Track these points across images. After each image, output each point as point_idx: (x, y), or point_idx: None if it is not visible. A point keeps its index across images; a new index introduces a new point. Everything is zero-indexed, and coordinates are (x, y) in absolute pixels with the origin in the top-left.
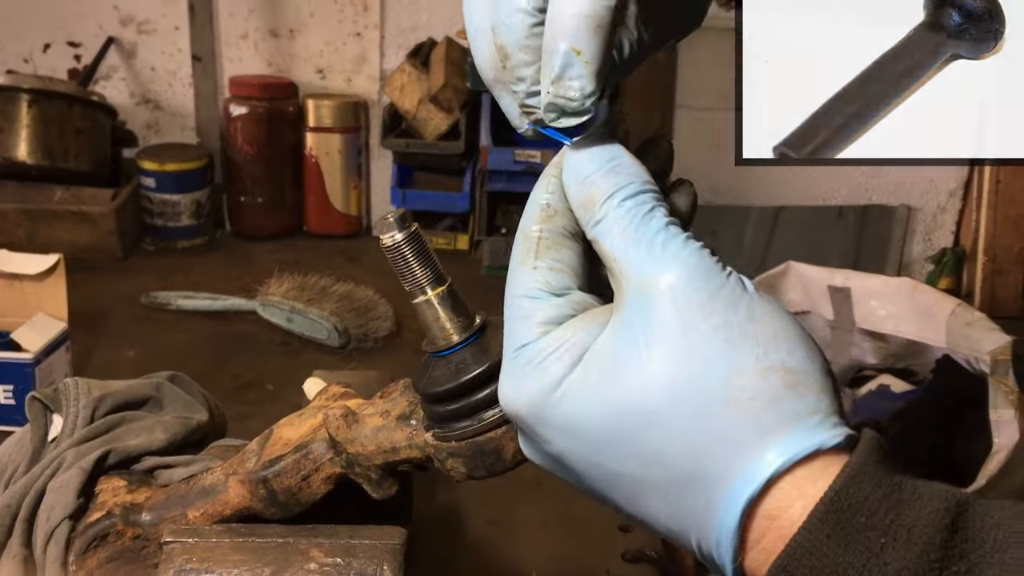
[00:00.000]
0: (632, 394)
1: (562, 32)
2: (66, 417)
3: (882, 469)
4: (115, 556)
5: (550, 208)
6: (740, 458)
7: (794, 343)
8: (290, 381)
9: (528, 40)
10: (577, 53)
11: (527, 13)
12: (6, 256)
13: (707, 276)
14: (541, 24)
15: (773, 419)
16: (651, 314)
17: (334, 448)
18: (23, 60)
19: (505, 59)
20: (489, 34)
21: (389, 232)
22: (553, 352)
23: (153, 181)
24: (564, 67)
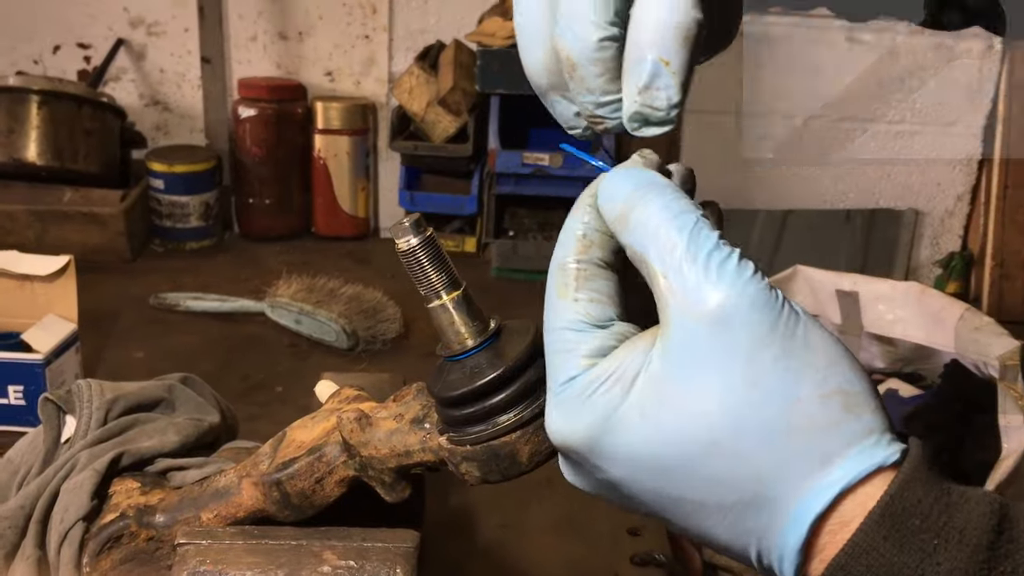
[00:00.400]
0: (693, 423)
1: (650, 42)
2: (79, 419)
3: (931, 475)
4: (129, 558)
5: (586, 239)
6: (805, 480)
7: (846, 367)
8: (299, 383)
9: (597, 52)
10: (665, 63)
11: (597, 26)
12: (16, 257)
13: (765, 306)
14: (611, 38)
15: (835, 442)
16: (708, 342)
17: (347, 451)
18: (33, 61)
19: (572, 70)
20: (544, 43)
21: (404, 237)
22: (604, 383)
23: (162, 183)
24: (652, 77)
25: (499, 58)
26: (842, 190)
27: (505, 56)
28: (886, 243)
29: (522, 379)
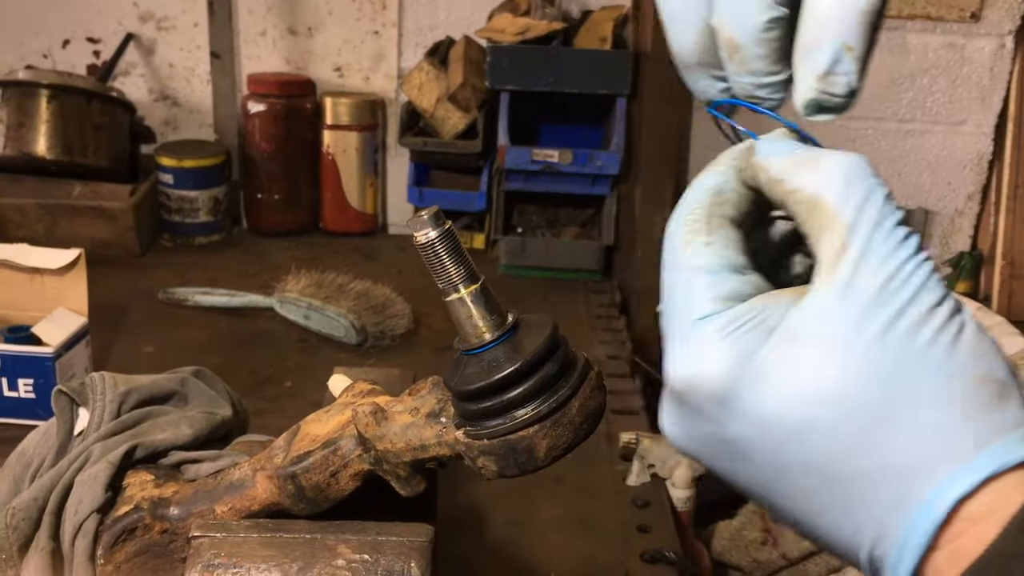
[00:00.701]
0: (841, 384)
1: (831, 26)
2: (93, 411)
3: None
4: (143, 550)
5: (721, 195)
6: (946, 462)
7: (999, 359)
8: (308, 378)
9: (764, 34)
10: (848, 49)
11: (765, 6)
12: (27, 250)
13: (934, 286)
14: (779, 19)
15: (987, 426)
16: (870, 309)
17: (363, 445)
18: (42, 56)
19: (733, 51)
20: (698, 21)
21: (423, 230)
22: (745, 323)
23: (171, 177)
24: (833, 63)
25: (509, 54)
26: None
27: (515, 52)
28: None
29: (540, 373)
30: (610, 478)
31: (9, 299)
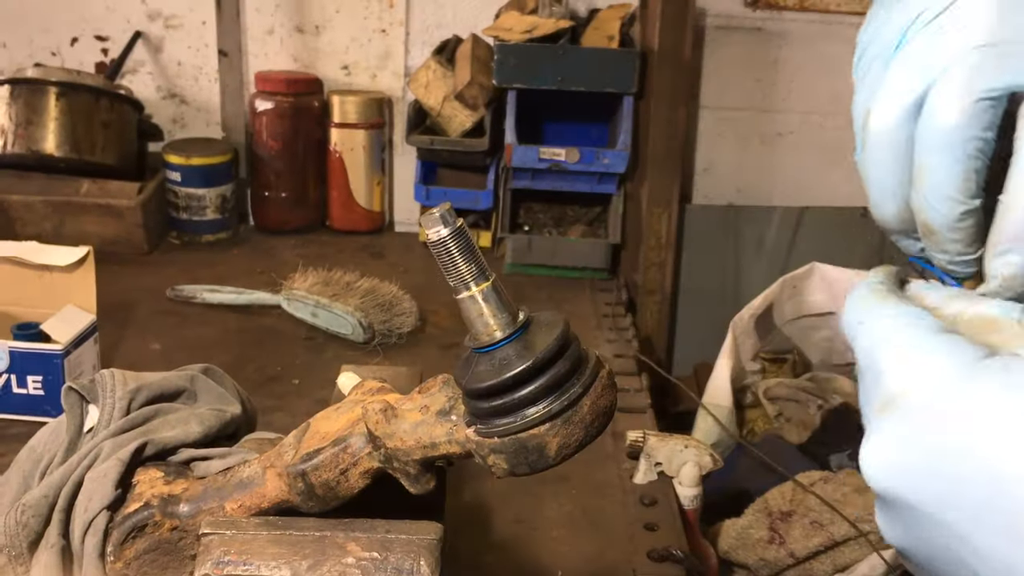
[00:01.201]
0: None
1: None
2: (103, 408)
3: None
4: (153, 547)
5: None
6: None
7: None
8: (315, 375)
9: (958, 223)
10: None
11: (959, 202)
12: (37, 248)
13: None
14: (973, 211)
15: None
16: None
17: (372, 442)
18: (51, 53)
19: (929, 233)
20: (898, 199)
21: (435, 227)
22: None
23: (179, 175)
24: (1015, 276)
25: (516, 53)
26: (858, 187)
27: (522, 51)
28: None
29: (551, 371)
30: (617, 476)
31: (18, 296)
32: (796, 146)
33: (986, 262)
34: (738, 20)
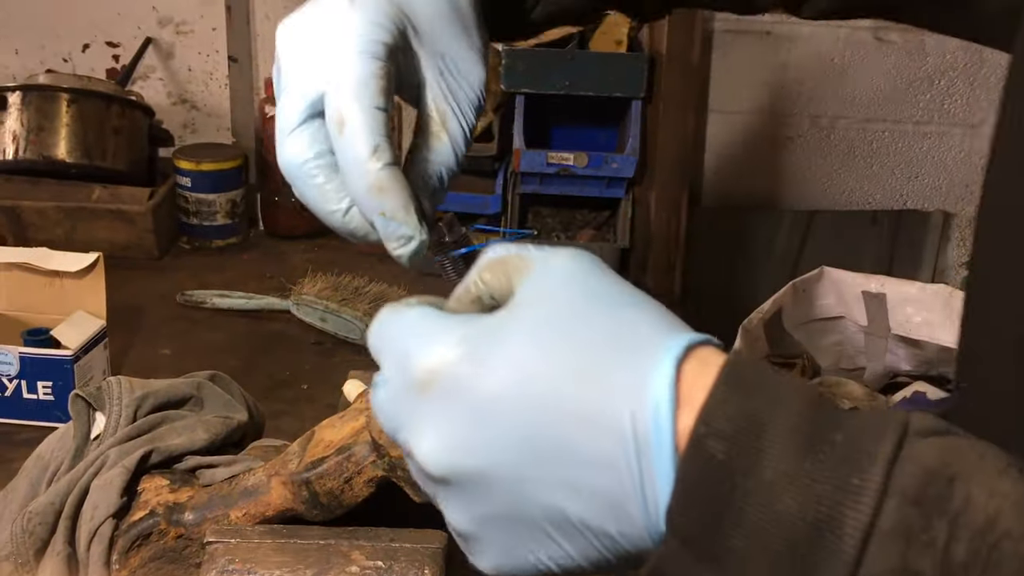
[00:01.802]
0: (562, 324)
1: (364, 205)
2: (109, 415)
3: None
4: (158, 555)
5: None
6: (661, 337)
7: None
8: (324, 381)
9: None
10: (383, 215)
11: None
12: (47, 254)
13: (594, 257)
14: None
15: (672, 319)
16: (559, 269)
17: (376, 451)
18: (63, 59)
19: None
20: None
21: (438, 237)
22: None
23: (189, 180)
24: (384, 230)
25: (524, 58)
26: (868, 191)
27: (530, 56)
28: (913, 245)
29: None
30: None
31: (28, 302)
32: (805, 150)
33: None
34: (747, 24)
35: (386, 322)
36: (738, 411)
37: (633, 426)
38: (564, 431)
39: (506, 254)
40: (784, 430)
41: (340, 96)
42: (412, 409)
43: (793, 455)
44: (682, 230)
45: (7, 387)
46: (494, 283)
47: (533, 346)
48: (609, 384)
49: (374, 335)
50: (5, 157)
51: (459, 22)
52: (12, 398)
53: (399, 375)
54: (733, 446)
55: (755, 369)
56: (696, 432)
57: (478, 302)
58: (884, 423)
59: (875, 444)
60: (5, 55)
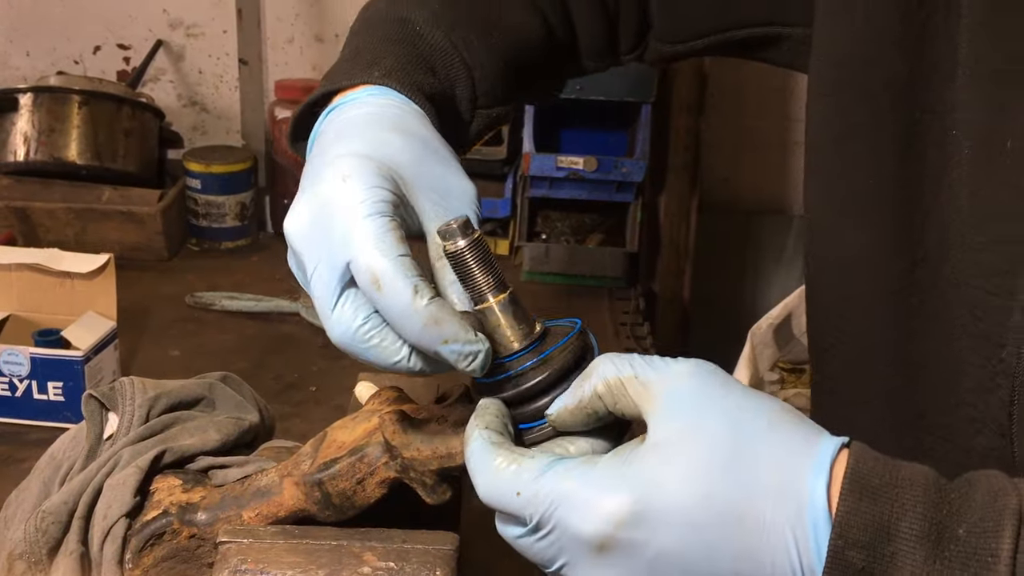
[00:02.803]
0: (711, 453)
1: (425, 342)
2: (122, 416)
3: (873, 452)
4: (171, 555)
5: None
6: (807, 453)
7: (779, 400)
8: (333, 383)
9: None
10: (445, 343)
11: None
12: (57, 255)
13: (713, 367)
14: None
15: (807, 429)
16: (689, 394)
17: (389, 452)
18: (74, 62)
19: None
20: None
21: (452, 239)
22: (633, 454)
23: (199, 182)
24: (451, 355)
25: None
26: None
27: None
28: None
29: (568, 382)
30: None
31: (39, 303)
32: None
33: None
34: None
35: (510, 474)
36: (868, 520)
37: (798, 556)
38: (734, 568)
39: (620, 375)
40: (912, 535)
41: (366, 257)
42: (583, 562)
43: (924, 558)
44: (691, 235)
45: (18, 387)
46: (612, 403)
47: (698, 497)
48: (770, 523)
49: (498, 488)
50: (16, 158)
51: (435, 156)
52: (23, 398)
53: (558, 527)
54: (869, 554)
55: (876, 469)
56: (834, 545)
57: (593, 416)
58: (1000, 512)
59: (996, 540)
60: (17, 57)
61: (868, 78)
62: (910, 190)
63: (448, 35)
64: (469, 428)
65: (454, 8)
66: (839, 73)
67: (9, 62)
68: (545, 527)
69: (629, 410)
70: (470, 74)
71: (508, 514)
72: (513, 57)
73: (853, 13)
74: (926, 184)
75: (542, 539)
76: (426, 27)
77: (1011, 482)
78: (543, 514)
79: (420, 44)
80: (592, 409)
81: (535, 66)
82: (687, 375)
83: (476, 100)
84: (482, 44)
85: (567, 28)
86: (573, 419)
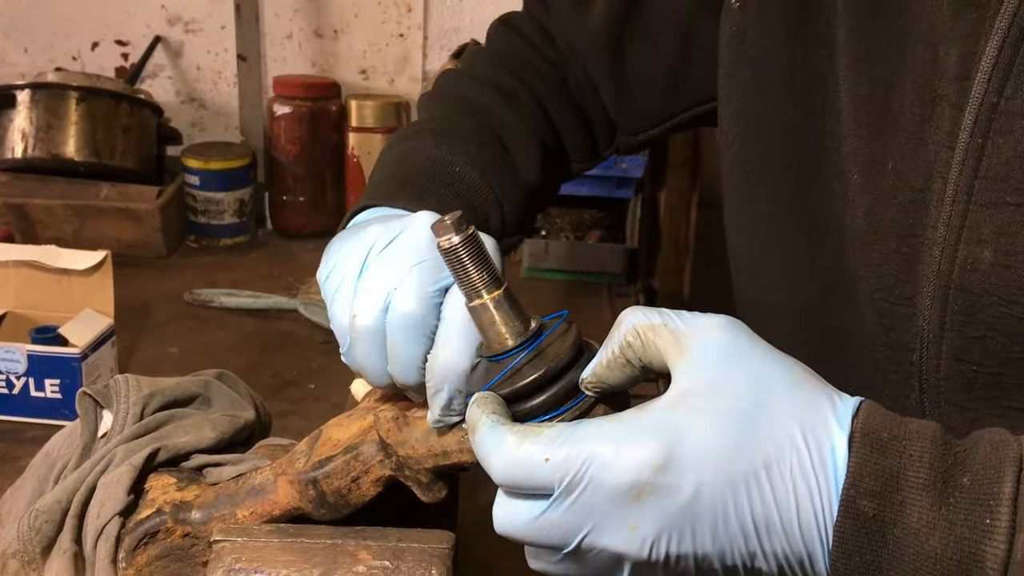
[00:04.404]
0: (739, 399)
1: (449, 379)
2: (116, 414)
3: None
4: (164, 554)
5: None
6: (830, 405)
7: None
8: (331, 380)
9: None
10: (459, 392)
11: (419, 369)
12: (55, 251)
13: (741, 324)
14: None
15: (828, 391)
16: (719, 347)
17: (384, 450)
18: (72, 58)
19: (410, 393)
20: (387, 378)
21: (446, 235)
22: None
23: (197, 179)
24: (449, 402)
25: None
26: None
27: None
28: None
29: (563, 380)
30: None
31: (37, 300)
32: None
33: (430, 400)
34: None
35: (533, 444)
36: (879, 470)
37: (821, 504)
38: (764, 513)
39: (650, 323)
40: (919, 483)
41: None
42: (614, 518)
43: (930, 504)
44: (691, 231)
45: (15, 385)
46: (641, 350)
47: (726, 445)
48: (796, 472)
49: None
50: (14, 155)
51: None
52: (20, 396)
53: (592, 485)
54: (880, 502)
55: (886, 423)
56: (847, 495)
57: (628, 366)
58: (1002, 460)
59: (998, 484)
60: (14, 53)
61: (770, 126)
62: (818, 222)
63: (484, 176)
64: (472, 417)
65: (486, 152)
66: (741, 127)
67: (7, 58)
68: (577, 488)
69: (656, 359)
70: (501, 208)
71: (527, 491)
72: (530, 188)
73: (750, 69)
74: (832, 213)
75: (572, 504)
76: (465, 168)
77: (1013, 436)
78: (575, 474)
79: (459, 184)
80: (625, 359)
81: (543, 188)
82: (717, 327)
83: (504, 230)
84: (508, 181)
85: (558, 144)
86: (610, 372)
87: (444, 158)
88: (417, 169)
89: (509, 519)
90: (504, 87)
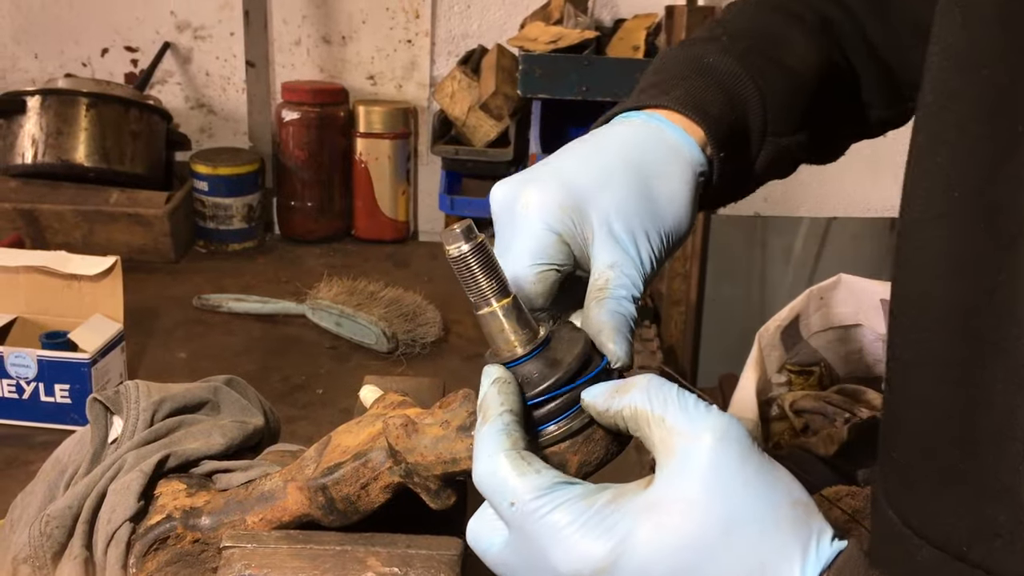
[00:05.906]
0: (707, 523)
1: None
2: (127, 419)
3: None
4: (174, 559)
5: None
6: (795, 564)
7: (797, 483)
8: (339, 385)
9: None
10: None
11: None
12: (65, 257)
13: (741, 431)
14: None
15: (807, 535)
16: (708, 461)
17: (393, 457)
18: (82, 64)
19: None
20: None
21: (455, 243)
22: (611, 505)
23: (206, 185)
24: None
25: (541, 63)
26: (886, 198)
27: (547, 61)
28: None
29: (572, 387)
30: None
31: (47, 305)
32: None
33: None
34: None
35: (513, 481)
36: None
37: None
38: None
39: (650, 411)
40: None
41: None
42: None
43: None
44: (699, 236)
45: (25, 390)
46: (634, 427)
47: (672, 571)
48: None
49: (495, 487)
50: (24, 161)
51: (637, 192)
52: (30, 401)
53: (539, 551)
54: None
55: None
56: None
57: (614, 427)
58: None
59: None
60: (25, 59)
61: (979, 87)
62: (1007, 200)
63: (740, 60)
64: (487, 403)
65: (743, 40)
66: (953, 85)
67: (17, 65)
68: (525, 545)
69: (647, 443)
70: (762, 100)
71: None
72: (802, 85)
73: (962, 23)
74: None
75: (519, 553)
76: (718, 56)
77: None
78: (528, 532)
79: (712, 73)
80: (615, 424)
81: (823, 102)
82: (710, 439)
83: (767, 127)
84: (772, 70)
85: (847, 65)
86: (602, 420)
87: (694, 52)
88: (667, 68)
89: (475, 537)
90: (790, 8)
